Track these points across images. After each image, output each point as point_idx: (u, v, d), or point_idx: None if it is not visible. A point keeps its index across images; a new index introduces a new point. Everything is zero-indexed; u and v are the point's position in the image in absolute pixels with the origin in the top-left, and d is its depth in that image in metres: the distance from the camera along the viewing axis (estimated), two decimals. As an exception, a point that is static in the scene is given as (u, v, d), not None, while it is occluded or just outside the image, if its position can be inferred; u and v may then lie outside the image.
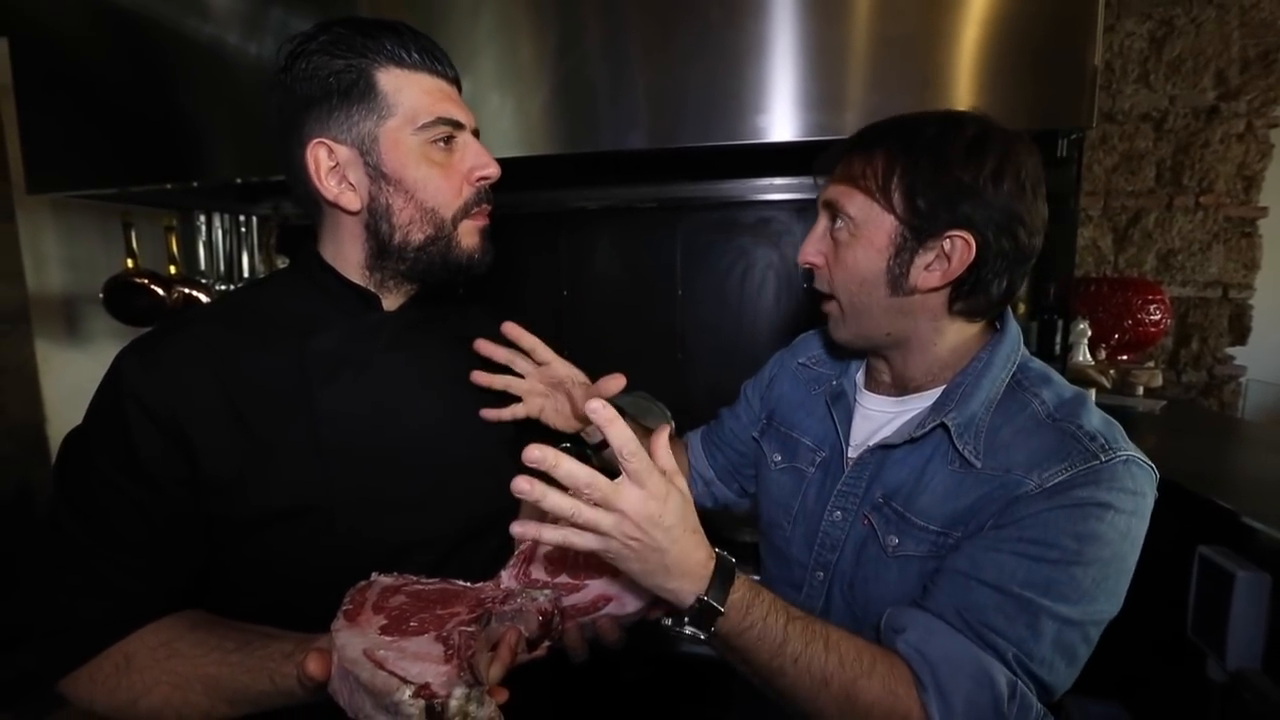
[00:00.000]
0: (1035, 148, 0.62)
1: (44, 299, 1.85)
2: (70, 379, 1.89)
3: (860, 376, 0.76)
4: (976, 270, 0.61)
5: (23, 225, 1.79)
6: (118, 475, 0.56)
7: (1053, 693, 0.55)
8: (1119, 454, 0.56)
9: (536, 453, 0.48)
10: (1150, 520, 0.57)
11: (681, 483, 0.53)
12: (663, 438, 0.54)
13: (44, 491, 1.90)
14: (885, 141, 0.63)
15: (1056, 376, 0.65)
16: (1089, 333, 1.33)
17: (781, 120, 1.05)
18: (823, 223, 0.69)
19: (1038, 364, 0.66)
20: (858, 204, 0.64)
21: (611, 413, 0.50)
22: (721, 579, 0.53)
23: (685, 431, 1.04)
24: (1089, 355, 1.33)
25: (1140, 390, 1.33)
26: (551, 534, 0.51)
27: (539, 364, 0.80)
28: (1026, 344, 0.67)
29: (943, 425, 0.62)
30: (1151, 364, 1.42)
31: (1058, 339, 1.20)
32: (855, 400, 0.74)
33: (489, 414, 0.75)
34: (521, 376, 0.78)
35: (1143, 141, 1.62)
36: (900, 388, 0.70)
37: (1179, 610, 0.86)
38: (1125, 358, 1.42)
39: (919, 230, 0.61)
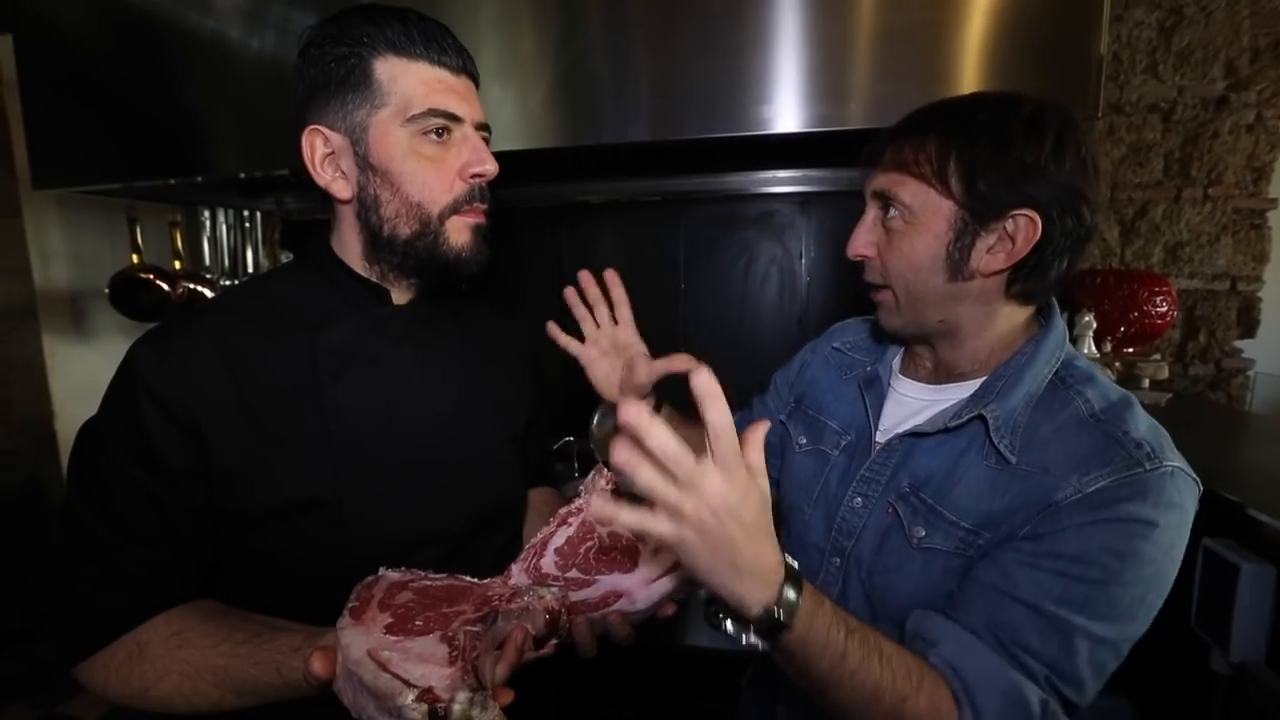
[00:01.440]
0: (1086, 126, 0.61)
1: (50, 294, 1.86)
2: (77, 374, 1.91)
3: (897, 362, 0.74)
4: (1040, 251, 0.59)
5: (29, 221, 1.80)
6: (132, 466, 0.57)
7: (1079, 707, 0.55)
8: (1164, 464, 0.54)
9: (632, 412, 0.42)
10: None
11: (765, 483, 0.49)
12: (760, 433, 0.49)
13: (53, 486, 1.91)
14: (937, 126, 0.61)
15: (1102, 376, 0.62)
16: (1094, 325, 1.32)
17: (785, 111, 1.05)
18: (872, 212, 0.67)
19: (1084, 362, 0.64)
20: (912, 191, 0.62)
21: (716, 388, 0.44)
22: (791, 586, 0.50)
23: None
24: (1094, 348, 1.32)
25: (1146, 383, 1.32)
26: (629, 517, 0.45)
27: (617, 322, 0.83)
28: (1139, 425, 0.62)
29: (980, 417, 0.61)
30: (1158, 356, 1.41)
31: (1063, 332, 1.20)
32: (889, 385, 0.72)
33: (553, 329, 0.81)
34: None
35: (1151, 133, 1.61)
36: (940, 375, 0.68)
37: (1183, 602, 0.86)
38: (1131, 350, 1.41)
39: (980, 213, 0.59)
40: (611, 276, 0.82)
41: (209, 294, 1.67)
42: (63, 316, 1.88)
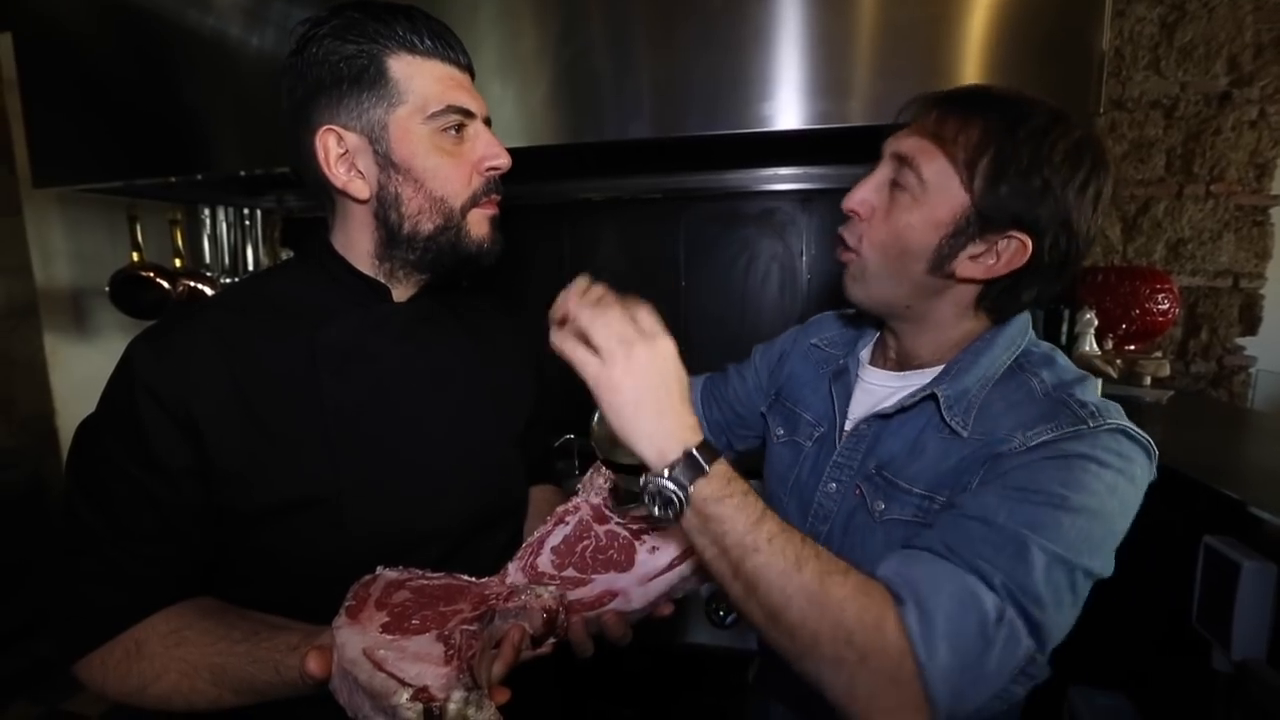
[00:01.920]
0: (1091, 122, 0.61)
1: (51, 293, 1.86)
2: (79, 372, 1.91)
3: (866, 353, 0.76)
4: (1018, 275, 0.60)
5: (29, 219, 1.80)
6: (130, 464, 0.57)
7: (1042, 635, 0.51)
8: (1109, 422, 0.55)
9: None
10: (1156, 509, 0.56)
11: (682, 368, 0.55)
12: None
13: (54, 483, 1.92)
14: (989, 112, 0.58)
15: (1063, 360, 0.63)
16: (1095, 322, 1.32)
17: (786, 108, 1.04)
18: (884, 173, 0.64)
19: (1045, 348, 0.65)
20: (937, 167, 0.59)
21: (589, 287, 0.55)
22: (707, 447, 0.52)
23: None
24: (1095, 345, 1.32)
25: (1147, 380, 1.32)
26: (566, 344, 0.53)
27: None
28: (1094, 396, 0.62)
29: (933, 396, 0.62)
30: (1159, 354, 1.40)
31: (1064, 328, 1.19)
32: (857, 376, 0.74)
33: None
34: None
35: (1153, 129, 1.60)
36: (903, 364, 0.70)
37: (1184, 600, 0.86)
38: (1132, 348, 1.41)
39: (986, 219, 0.58)
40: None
41: (209, 292, 1.67)
42: (64, 314, 1.89)
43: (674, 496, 0.51)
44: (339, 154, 0.61)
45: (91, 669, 0.58)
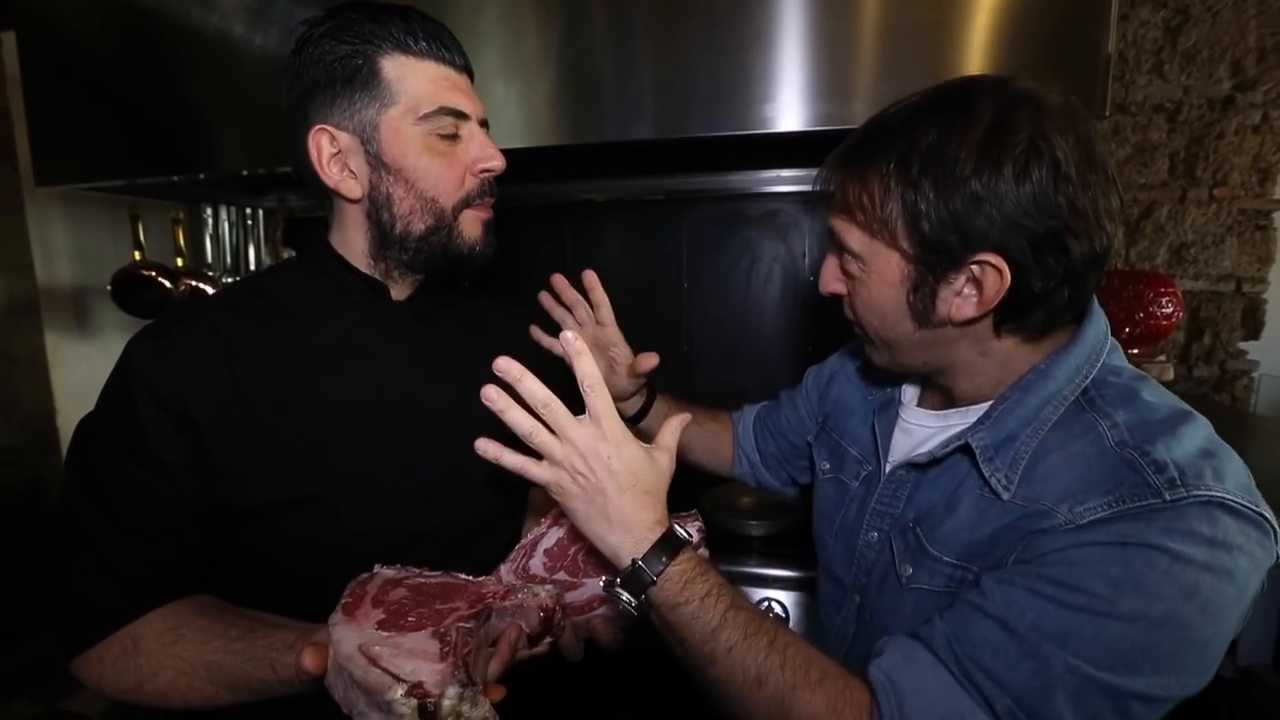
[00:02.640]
0: (1077, 113, 0.48)
1: (53, 291, 1.86)
2: (80, 370, 1.91)
3: (913, 391, 0.68)
4: (1019, 294, 0.49)
5: (31, 218, 1.80)
6: (128, 462, 0.56)
7: None
8: (1198, 493, 0.41)
9: (503, 363, 0.51)
10: None
11: (664, 457, 0.55)
12: (676, 421, 0.57)
13: (55, 482, 1.92)
14: (875, 156, 0.51)
15: (1152, 395, 0.50)
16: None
17: (789, 110, 1.04)
18: (832, 254, 0.61)
19: (1130, 376, 0.52)
20: (857, 239, 0.55)
21: (582, 346, 0.51)
22: (665, 546, 0.50)
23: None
24: (1099, 349, 1.32)
25: (1151, 385, 1.32)
26: (510, 459, 0.52)
27: (598, 323, 0.84)
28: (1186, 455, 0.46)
29: (967, 447, 0.53)
30: (1163, 358, 1.40)
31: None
32: (899, 414, 0.66)
33: (536, 332, 0.84)
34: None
35: (1156, 133, 1.60)
36: (947, 402, 0.61)
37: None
38: (1136, 351, 1.40)
39: (933, 264, 0.51)
40: (590, 279, 0.83)
41: (211, 291, 1.67)
42: (65, 313, 1.89)
43: (628, 606, 0.51)
44: (331, 153, 0.61)
45: (88, 666, 0.58)
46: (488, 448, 0.52)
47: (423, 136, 0.61)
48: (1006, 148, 0.46)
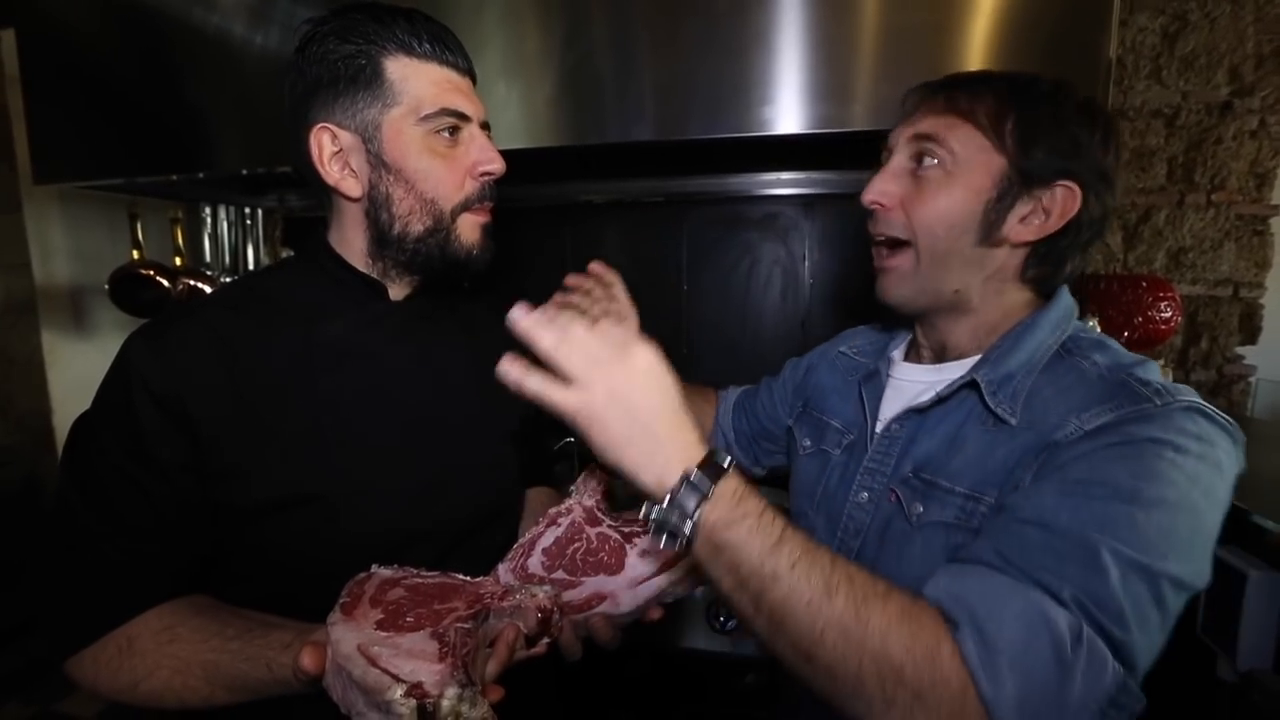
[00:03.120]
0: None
1: (50, 290, 1.86)
2: (77, 370, 1.90)
3: (899, 353, 0.73)
4: (1066, 233, 0.59)
5: (29, 216, 1.80)
6: (125, 460, 0.56)
7: (1128, 658, 0.43)
8: (1181, 400, 0.49)
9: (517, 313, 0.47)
10: None
11: (669, 379, 0.49)
12: None
13: (51, 482, 1.91)
14: (994, 85, 0.60)
15: (1115, 345, 0.58)
16: (1098, 330, 1.32)
17: (788, 112, 1.04)
18: (900, 160, 0.63)
19: (1096, 333, 0.61)
20: (964, 137, 0.59)
21: (614, 276, 0.56)
22: (712, 461, 0.46)
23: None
24: (1098, 353, 1.32)
25: (1149, 389, 1.32)
26: (534, 383, 0.46)
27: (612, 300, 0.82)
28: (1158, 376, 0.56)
29: (973, 383, 0.58)
30: (1160, 362, 1.40)
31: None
32: (888, 375, 0.70)
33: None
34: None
35: (1154, 138, 1.60)
36: (940, 356, 0.66)
37: (1189, 609, 0.85)
38: (1134, 356, 1.41)
39: (1029, 175, 0.58)
40: (597, 267, 0.81)
41: (209, 290, 1.67)
42: (63, 312, 1.88)
43: (677, 528, 0.45)
44: (332, 152, 0.62)
45: (83, 666, 0.57)
46: (510, 370, 0.47)
47: (424, 137, 0.62)
48: (1098, 118, 0.59)
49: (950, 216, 0.59)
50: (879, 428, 0.67)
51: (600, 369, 0.45)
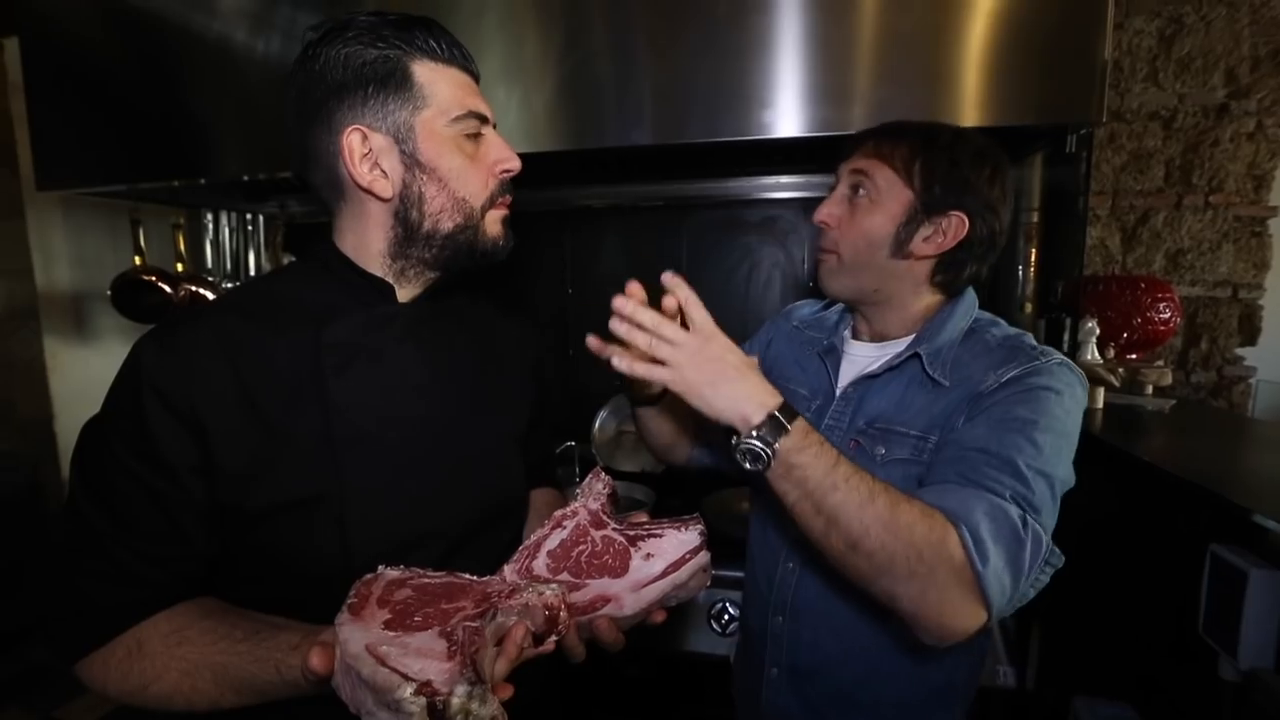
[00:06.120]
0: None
1: (53, 296, 1.86)
2: (79, 375, 1.91)
3: (848, 333, 0.89)
4: (961, 249, 0.76)
5: (32, 222, 1.80)
6: (134, 463, 0.56)
7: (1047, 536, 0.64)
8: (1055, 358, 0.71)
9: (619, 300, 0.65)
10: (1160, 516, 0.58)
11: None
12: None
13: (52, 488, 1.91)
14: (910, 135, 0.77)
15: (1003, 322, 0.80)
16: (1097, 331, 1.32)
17: (787, 116, 1.05)
18: (843, 189, 0.81)
19: (989, 316, 0.81)
20: (885, 176, 0.76)
21: (679, 281, 0.66)
22: (787, 407, 0.62)
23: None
24: (1097, 354, 1.32)
25: (1149, 389, 1.32)
26: (624, 359, 0.64)
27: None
28: (1035, 341, 0.78)
29: (916, 355, 0.76)
30: (1161, 363, 1.41)
31: (1065, 337, 1.19)
32: (844, 351, 0.86)
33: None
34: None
35: (1151, 140, 1.61)
36: (879, 338, 0.83)
37: (1190, 609, 0.85)
38: (1134, 356, 1.41)
39: (929, 206, 0.75)
40: (670, 280, 0.71)
41: (210, 296, 1.67)
42: (64, 318, 1.88)
43: (762, 453, 0.61)
44: (363, 153, 0.62)
45: (93, 668, 0.57)
46: (592, 340, 0.65)
47: (453, 138, 0.64)
48: (985, 162, 0.76)
49: (870, 235, 0.77)
50: (839, 391, 0.83)
51: (697, 337, 0.64)
